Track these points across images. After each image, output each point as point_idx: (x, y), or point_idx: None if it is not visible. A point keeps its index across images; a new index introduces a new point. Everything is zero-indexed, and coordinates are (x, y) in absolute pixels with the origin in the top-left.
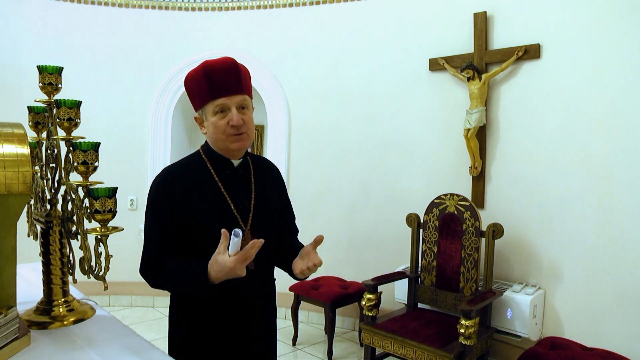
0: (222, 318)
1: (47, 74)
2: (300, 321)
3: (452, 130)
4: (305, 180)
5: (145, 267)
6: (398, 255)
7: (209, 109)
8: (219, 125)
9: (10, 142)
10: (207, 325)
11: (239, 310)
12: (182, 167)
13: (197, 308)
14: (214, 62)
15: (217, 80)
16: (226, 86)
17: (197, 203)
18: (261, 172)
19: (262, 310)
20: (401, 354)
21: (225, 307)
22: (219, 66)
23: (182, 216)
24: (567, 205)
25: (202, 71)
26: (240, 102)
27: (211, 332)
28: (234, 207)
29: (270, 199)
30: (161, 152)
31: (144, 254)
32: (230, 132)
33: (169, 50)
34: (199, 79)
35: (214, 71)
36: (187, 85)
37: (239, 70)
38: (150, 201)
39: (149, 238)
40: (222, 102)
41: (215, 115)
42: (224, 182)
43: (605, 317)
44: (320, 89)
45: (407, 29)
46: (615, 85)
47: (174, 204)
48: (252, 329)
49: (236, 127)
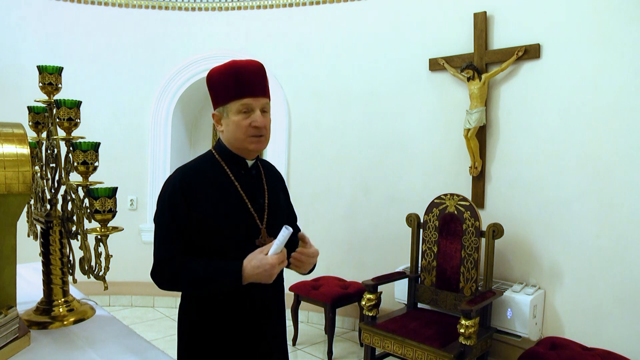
0: (237, 319)
1: (47, 74)
2: (300, 321)
3: (452, 130)
4: (305, 180)
5: (159, 267)
6: (398, 255)
7: (232, 107)
8: (241, 124)
9: (10, 142)
10: (222, 326)
11: (254, 310)
12: (197, 166)
13: (212, 309)
14: (243, 62)
15: (245, 79)
16: (253, 87)
17: (214, 202)
18: (268, 173)
19: (275, 310)
20: (401, 354)
21: (240, 308)
22: (247, 66)
23: (199, 215)
24: (567, 205)
25: (232, 69)
26: (264, 105)
27: (226, 334)
28: (250, 205)
29: (280, 199)
30: (161, 152)
31: (159, 255)
32: (251, 132)
33: (169, 50)
34: (227, 75)
35: (242, 70)
36: (213, 80)
37: (265, 74)
38: (166, 202)
39: (165, 238)
40: (247, 102)
41: (238, 114)
42: (240, 181)
43: (605, 317)
44: (320, 89)
45: (407, 29)
46: (615, 85)
47: (192, 203)
48: (266, 329)
49: (258, 128)
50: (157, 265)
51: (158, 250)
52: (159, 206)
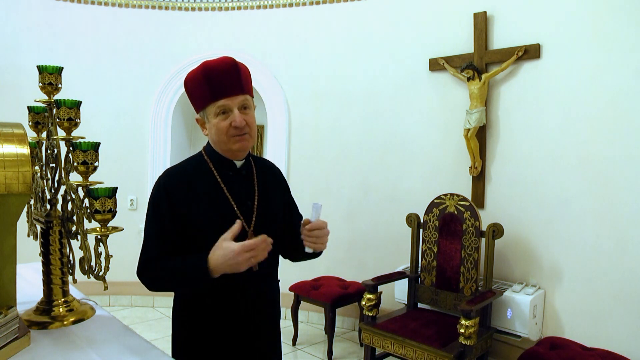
0: (228, 319)
1: (47, 74)
2: (300, 321)
3: (452, 130)
4: (305, 180)
5: (142, 269)
6: (398, 255)
7: (210, 110)
8: (221, 126)
9: (10, 142)
10: (213, 326)
11: (245, 311)
12: (184, 168)
13: (203, 309)
14: (214, 63)
15: (217, 81)
16: (227, 87)
17: (199, 205)
18: (263, 172)
19: (267, 310)
20: (401, 354)
21: (230, 308)
22: (218, 66)
23: (184, 218)
24: (567, 205)
25: (202, 72)
26: (242, 102)
27: (216, 333)
28: (237, 208)
29: (274, 199)
30: (161, 152)
31: (142, 256)
32: (232, 133)
33: (169, 50)
34: (199, 80)
35: (214, 72)
36: (187, 87)
37: (239, 69)
38: (151, 203)
39: (149, 240)
40: (223, 104)
41: (217, 117)
42: (227, 184)
43: (605, 317)
44: (320, 89)
45: (407, 29)
46: (615, 85)
47: (176, 205)
48: (258, 330)
49: (239, 128)
50: (141, 267)
51: (143, 251)
52: (148, 207)
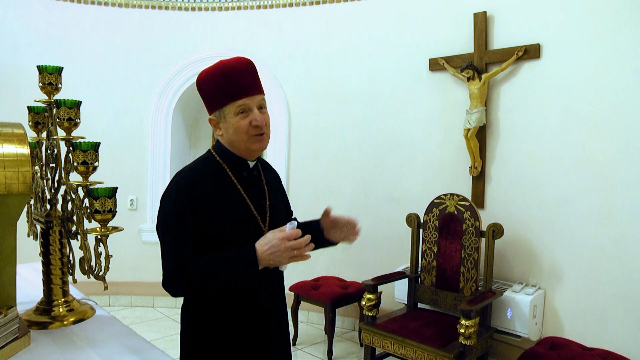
0: (242, 319)
1: (47, 74)
2: (300, 321)
3: (452, 130)
4: (305, 180)
5: (172, 275)
6: (398, 255)
7: (229, 110)
8: (241, 125)
9: (10, 142)
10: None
11: (259, 310)
12: (199, 170)
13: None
14: (232, 62)
15: (236, 80)
16: (246, 86)
17: (220, 206)
18: (267, 173)
19: (278, 309)
20: (401, 354)
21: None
22: (237, 66)
23: (205, 220)
24: (567, 206)
25: (221, 71)
26: (260, 101)
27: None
28: (254, 208)
29: (278, 197)
30: (161, 152)
31: (168, 264)
32: (252, 132)
33: (169, 50)
34: (218, 79)
35: (232, 71)
36: (203, 86)
37: (255, 69)
38: (171, 208)
39: (174, 246)
40: (243, 103)
41: (236, 116)
42: (242, 184)
43: (605, 317)
44: (320, 89)
45: (407, 29)
46: (615, 85)
47: (198, 209)
48: (271, 329)
49: (259, 127)
50: (170, 275)
51: (168, 260)
52: (164, 214)
